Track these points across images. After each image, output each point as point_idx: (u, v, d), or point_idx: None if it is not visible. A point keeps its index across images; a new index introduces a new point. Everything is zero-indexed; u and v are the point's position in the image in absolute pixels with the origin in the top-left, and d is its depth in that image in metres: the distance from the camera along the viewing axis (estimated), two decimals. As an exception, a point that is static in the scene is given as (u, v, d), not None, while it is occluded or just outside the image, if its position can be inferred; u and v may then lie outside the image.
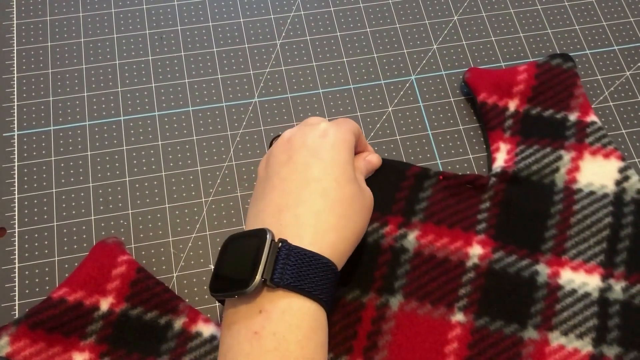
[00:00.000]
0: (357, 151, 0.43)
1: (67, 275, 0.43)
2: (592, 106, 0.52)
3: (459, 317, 0.42)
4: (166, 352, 0.40)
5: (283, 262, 0.33)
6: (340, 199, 0.36)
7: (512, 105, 0.48)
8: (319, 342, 0.33)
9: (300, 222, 0.35)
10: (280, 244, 0.34)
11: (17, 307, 0.42)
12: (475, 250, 0.43)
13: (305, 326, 0.33)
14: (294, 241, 0.34)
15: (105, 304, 0.40)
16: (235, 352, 0.32)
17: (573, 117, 0.48)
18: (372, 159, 0.44)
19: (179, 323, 0.41)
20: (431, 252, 0.43)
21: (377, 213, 0.44)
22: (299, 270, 0.33)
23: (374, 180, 0.44)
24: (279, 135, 0.41)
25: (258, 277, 0.32)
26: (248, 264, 0.33)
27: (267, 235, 0.34)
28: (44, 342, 0.39)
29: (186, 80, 0.51)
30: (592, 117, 0.48)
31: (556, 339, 0.41)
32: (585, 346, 0.41)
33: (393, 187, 0.45)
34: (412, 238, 0.43)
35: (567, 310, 0.42)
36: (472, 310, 0.42)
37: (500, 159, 0.47)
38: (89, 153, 0.48)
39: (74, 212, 0.45)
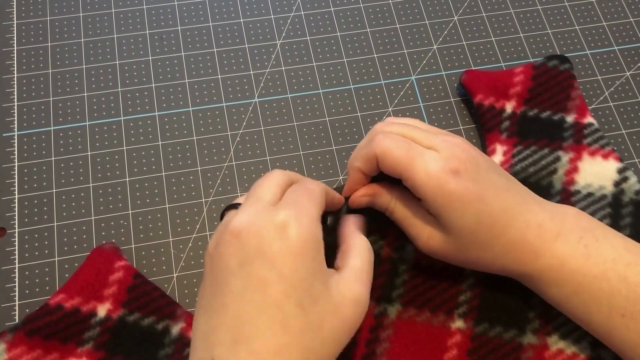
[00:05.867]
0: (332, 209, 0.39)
1: (67, 275, 0.43)
2: (592, 106, 0.52)
3: (459, 323, 0.42)
4: (164, 358, 0.40)
5: None
6: (304, 330, 0.30)
7: (509, 106, 0.48)
8: None
9: None
10: None
11: (17, 308, 0.42)
12: None
13: None
14: None
15: (102, 310, 0.40)
16: None
17: (570, 118, 0.48)
18: (355, 221, 0.39)
19: (176, 329, 0.41)
20: (430, 262, 0.43)
21: (377, 225, 0.43)
22: None
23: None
24: (232, 206, 0.36)
25: None
26: None
27: None
28: (40, 349, 0.39)
29: (186, 80, 0.51)
30: (589, 119, 0.48)
31: (555, 343, 0.41)
32: (584, 350, 0.41)
33: None
34: (410, 249, 0.43)
35: (564, 314, 0.42)
36: (472, 316, 0.42)
37: (497, 161, 0.47)
38: (89, 153, 0.48)
39: (74, 212, 0.46)
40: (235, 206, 0.36)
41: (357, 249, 0.36)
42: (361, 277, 0.34)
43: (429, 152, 0.36)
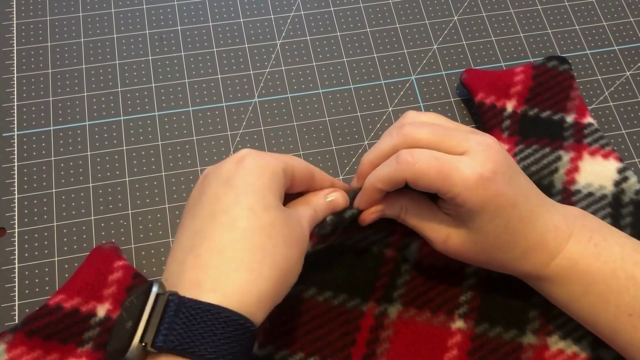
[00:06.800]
0: (309, 190, 0.38)
1: (67, 275, 0.43)
2: (592, 106, 0.52)
3: (459, 324, 0.42)
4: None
5: (169, 321, 0.28)
6: (254, 229, 0.30)
7: (510, 105, 0.48)
8: None
9: (200, 264, 0.29)
10: (169, 297, 0.28)
11: (17, 308, 0.42)
12: None
13: None
14: (190, 290, 0.28)
15: (102, 310, 0.40)
16: None
17: (570, 118, 0.48)
18: (336, 199, 0.38)
19: None
20: (431, 262, 0.43)
21: (383, 224, 0.43)
22: (189, 329, 0.27)
23: None
24: None
25: (135, 341, 0.27)
26: (129, 328, 0.28)
27: (153, 289, 0.28)
28: (40, 350, 0.39)
29: (186, 80, 0.51)
30: (588, 119, 0.48)
31: (555, 343, 0.41)
32: (584, 350, 0.41)
33: None
34: (414, 248, 0.43)
35: (564, 314, 0.42)
36: (472, 317, 0.42)
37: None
38: (89, 153, 0.48)
39: (74, 212, 0.45)
40: None
41: (315, 197, 0.37)
42: (306, 212, 0.35)
43: (463, 160, 0.34)
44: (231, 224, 0.30)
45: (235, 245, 0.30)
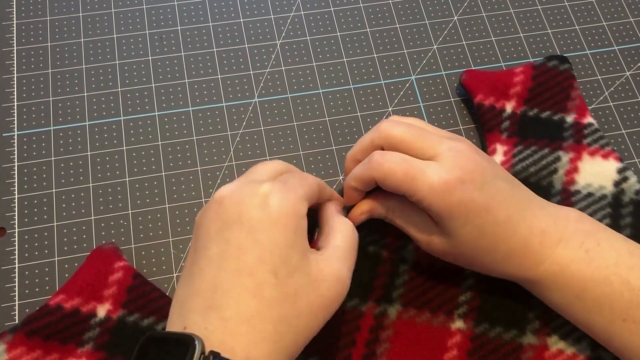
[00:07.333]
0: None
1: (67, 275, 0.43)
2: (592, 106, 0.52)
3: (459, 324, 0.42)
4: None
5: None
6: (279, 298, 0.30)
7: (509, 106, 0.48)
8: None
9: (230, 330, 0.29)
10: (211, 358, 0.28)
11: (17, 308, 0.42)
12: None
13: None
14: (225, 354, 0.29)
15: (102, 311, 0.40)
16: None
17: (570, 118, 0.48)
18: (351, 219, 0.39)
19: None
20: (430, 262, 0.43)
21: (378, 225, 0.43)
22: None
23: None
24: None
25: None
26: None
27: (197, 347, 0.28)
28: (40, 350, 0.39)
29: (186, 80, 0.51)
30: (589, 119, 0.48)
31: (555, 343, 0.41)
32: (584, 350, 0.41)
33: None
34: (411, 248, 0.43)
35: None
36: (472, 317, 0.42)
37: (498, 161, 0.47)
38: (89, 153, 0.48)
39: (74, 212, 0.46)
40: None
41: (339, 229, 0.36)
42: (342, 255, 0.34)
43: (430, 165, 0.35)
44: (256, 291, 0.30)
45: (261, 314, 0.30)
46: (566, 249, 0.36)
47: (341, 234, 0.35)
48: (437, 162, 0.35)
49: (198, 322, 0.30)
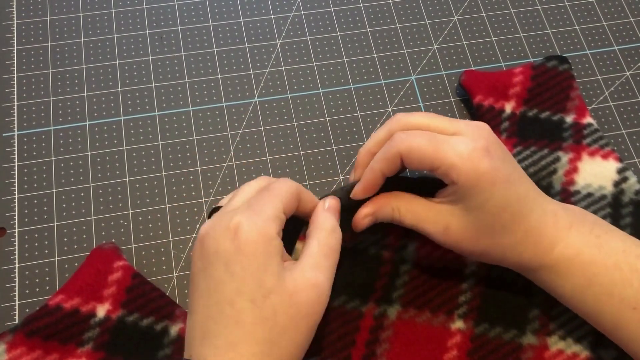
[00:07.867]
0: (303, 212, 0.38)
1: (67, 275, 0.43)
2: (592, 107, 0.52)
3: (459, 324, 0.42)
4: (163, 358, 0.40)
5: None
6: (257, 322, 0.32)
7: (509, 107, 0.48)
8: None
9: (221, 356, 0.32)
10: None
11: (17, 308, 0.42)
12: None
13: None
14: None
15: (101, 311, 0.40)
16: None
17: (569, 119, 0.48)
18: (331, 204, 0.38)
19: (175, 329, 0.41)
20: (430, 263, 0.43)
21: (379, 226, 0.43)
22: None
23: None
24: (217, 208, 0.38)
25: None
26: None
27: None
28: (40, 350, 0.39)
29: (186, 80, 0.51)
30: (588, 119, 0.48)
31: (555, 343, 0.41)
32: (583, 350, 0.41)
33: None
34: (411, 249, 0.43)
35: (564, 315, 0.42)
36: (472, 317, 0.42)
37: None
38: (89, 153, 0.48)
39: (74, 212, 0.46)
40: (219, 208, 0.37)
41: (316, 231, 0.36)
42: (316, 262, 0.35)
43: (455, 137, 0.35)
44: (238, 319, 0.32)
45: (245, 339, 0.32)
46: (578, 233, 0.36)
47: (317, 238, 0.36)
48: (459, 136, 0.36)
49: (198, 351, 0.33)
